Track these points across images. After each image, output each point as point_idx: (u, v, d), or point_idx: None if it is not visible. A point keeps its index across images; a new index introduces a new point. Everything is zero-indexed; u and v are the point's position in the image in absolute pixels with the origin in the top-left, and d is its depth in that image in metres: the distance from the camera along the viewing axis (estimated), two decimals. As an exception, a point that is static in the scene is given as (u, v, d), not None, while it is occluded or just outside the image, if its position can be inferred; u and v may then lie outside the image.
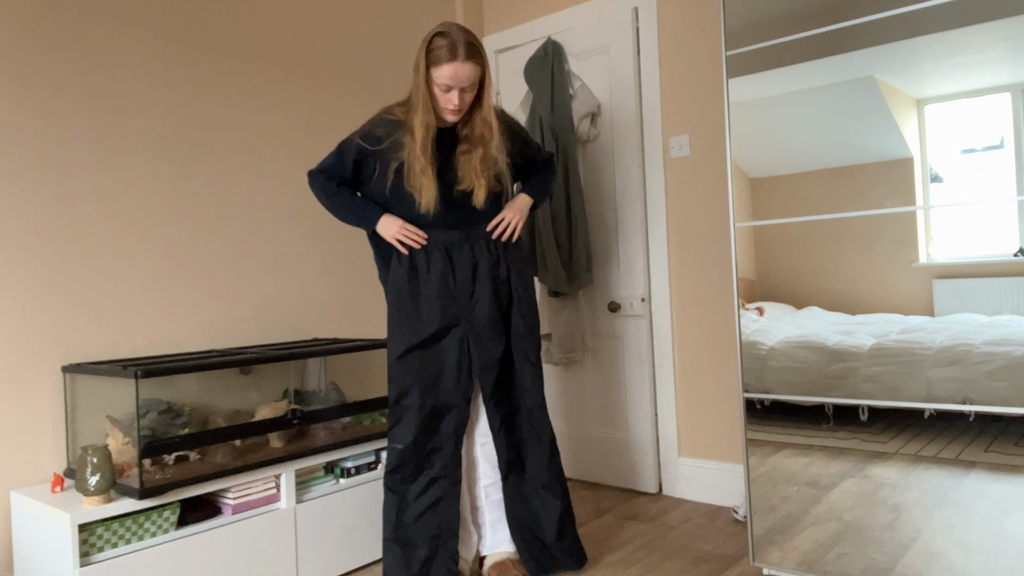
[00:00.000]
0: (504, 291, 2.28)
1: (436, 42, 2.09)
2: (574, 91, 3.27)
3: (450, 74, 2.08)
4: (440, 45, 2.08)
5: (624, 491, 3.25)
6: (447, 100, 2.12)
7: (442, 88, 2.11)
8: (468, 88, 2.13)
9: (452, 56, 2.06)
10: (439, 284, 2.20)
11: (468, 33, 2.11)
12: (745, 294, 2.26)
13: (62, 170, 2.30)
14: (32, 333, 2.22)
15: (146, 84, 2.51)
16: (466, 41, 2.08)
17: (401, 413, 2.23)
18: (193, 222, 2.61)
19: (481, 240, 2.27)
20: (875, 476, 2.02)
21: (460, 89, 2.11)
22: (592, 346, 3.38)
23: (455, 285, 2.22)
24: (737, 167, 2.26)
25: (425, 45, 2.10)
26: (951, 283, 1.92)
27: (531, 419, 2.31)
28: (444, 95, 2.12)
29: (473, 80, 2.12)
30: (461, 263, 2.23)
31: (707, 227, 3.03)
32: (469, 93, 2.15)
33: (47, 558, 1.96)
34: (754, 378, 2.22)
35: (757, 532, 2.21)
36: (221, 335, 2.66)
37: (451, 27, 2.10)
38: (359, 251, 3.16)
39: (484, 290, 2.23)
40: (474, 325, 2.23)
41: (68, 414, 2.27)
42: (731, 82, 2.24)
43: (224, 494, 2.24)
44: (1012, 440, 1.83)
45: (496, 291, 2.25)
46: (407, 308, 2.21)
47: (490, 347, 2.24)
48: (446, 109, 2.15)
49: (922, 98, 1.95)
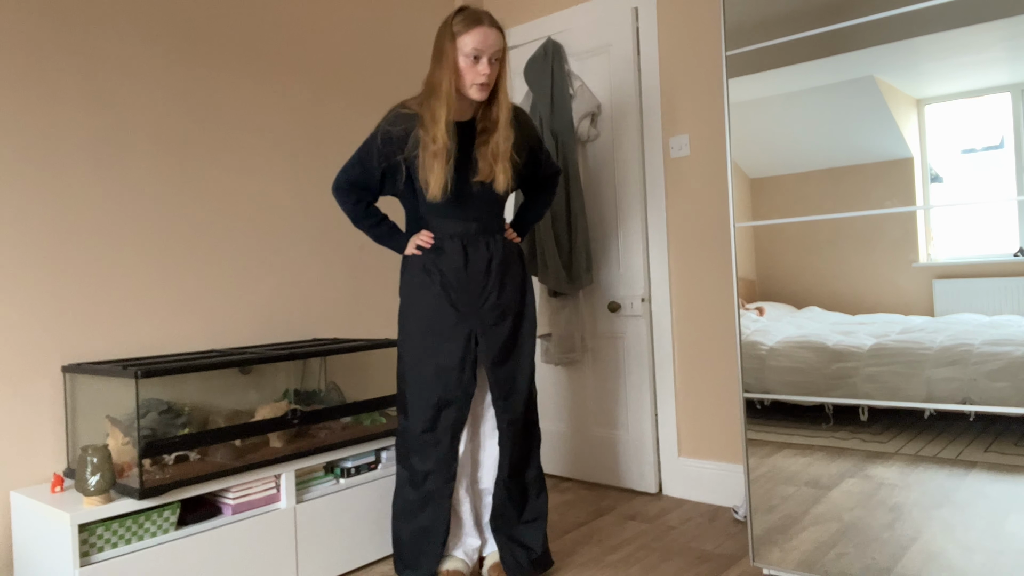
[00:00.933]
0: (513, 288, 2.27)
1: (458, 16, 2.10)
2: (574, 91, 3.27)
3: (479, 39, 2.07)
4: (464, 16, 2.09)
5: (624, 491, 3.25)
6: (476, 73, 2.10)
7: (470, 59, 2.09)
8: (494, 59, 2.12)
9: (478, 22, 2.08)
10: (452, 276, 2.20)
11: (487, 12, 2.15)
12: (745, 294, 2.26)
13: (62, 170, 2.30)
14: (32, 333, 2.22)
15: (147, 85, 2.51)
16: (487, 13, 2.12)
17: (408, 405, 2.24)
18: (193, 222, 2.61)
19: (497, 235, 2.26)
20: (875, 476, 2.02)
21: (489, 58, 2.10)
22: (592, 346, 3.38)
23: (468, 279, 2.21)
24: (737, 167, 2.26)
25: (448, 22, 2.11)
26: (951, 283, 1.92)
27: (526, 420, 2.32)
28: (473, 68, 2.10)
29: (499, 49, 2.11)
30: (476, 257, 2.22)
31: (707, 227, 3.03)
32: (495, 68, 2.13)
33: (47, 558, 1.96)
34: (754, 378, 2.22)
35: (757, 532, 2.21)
36: (221, 335, 2.66)
37: (468, 5, 2.13)
38: (360, 251, 3.16)
39: (496, 285, 2.22)
40: (483, 320, 2.22)
41: (68, 414, 2.27)
42: (731, 82, 2.24)
43: (224, 494, 2.23)
44: (1012, 440, 1.83)
45: (506, 287, 2.25)
46: (418, 300, 2.21)
47: (499, 343, 2.23)
48: (474, 84, 2.11)
49: (922, 98, 1.95)
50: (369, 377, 3.08)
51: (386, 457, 2.64)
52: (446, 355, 2.19)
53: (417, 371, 2.22)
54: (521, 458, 2.31)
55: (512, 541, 2.28)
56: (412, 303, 2.24)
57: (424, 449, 2.22)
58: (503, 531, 2.28)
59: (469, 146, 2.21)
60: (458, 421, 2.21)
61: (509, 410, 2.26)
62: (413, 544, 2.24)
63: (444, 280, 2.20)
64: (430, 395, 2.20)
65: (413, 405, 2.23)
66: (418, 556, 2.23)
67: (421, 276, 2.22)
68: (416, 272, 2.23)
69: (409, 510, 2.26)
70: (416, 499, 2.24)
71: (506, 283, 2.24)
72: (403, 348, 2.26)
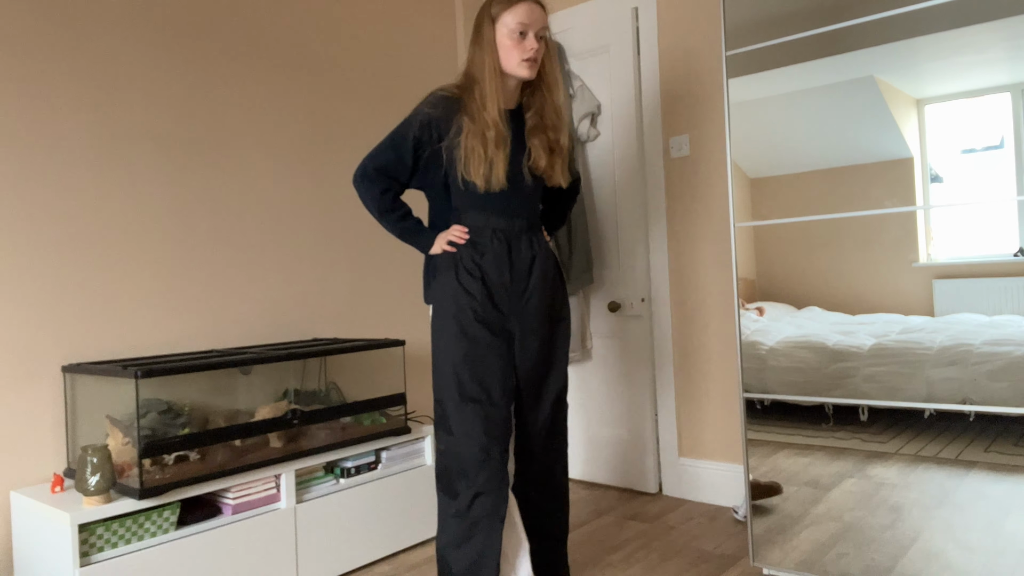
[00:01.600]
0: (554, 290, 2.10)
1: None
2: (574, 91, 3.27)
3: (524, 12, 1.93)
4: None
5: (624, 491, 3.25)
6: (524, 48, 1.95)
7: (515, 35, 1.94)
8: (540, 35, 1.96)
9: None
10: (496, 276, 1.98)
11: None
12: (745, 294, 2.26)
13: (62, 170, 2.30)
14: (32, 333, 2.22)
15: (147, 84, 2.51)
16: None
17: (447, 418, 1.98)
18: (193, 222, 2.61)
19: (539, 233, 2.08)
20: (875, 476, 2.02)
21: (536, 34, 1.95)
22: (592, 346, 3.38)
23: (511, 278, 2.00)
24: (737, 167, 2.26)
25: (487, 4, 1.98)
26: (951, 283, 1.92)
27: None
28: (520, 44, 1.95)
29: (544, 24, 1.97)
30: (519, 255, 2.02)
31: (707, 227, 3.03)
32: (541, 44, 2.00)
33: (47, 558, 1.96)
34: (754, 378, 2.22)
35: (757, 532, 2.21)
36: (221, 335, 2.66)
37: None
38: (360, 251, 3.16)
39: (537, 286, 2.03)
40: (524, 323, 2.02)
41: (68, 414, 2.27)
42: (731, 82, 2.24)
43: (224, 494, 2.23)
44: (1012, 440, 1.83)
45: (547, 288, 2.06)
46: (457, 305, 1.97)
47: (537, 347, 2.04)
48: (523, 61, 1.95)
49: (922, 98, 1.95)
50: (369, 377, 3.08)
51: (386, 457, 2.64)
52: (491, 362, 1.97)
53: (459, 383, 1.95)
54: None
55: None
56: (448, 309, 1.98)
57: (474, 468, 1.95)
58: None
59: (520, 134, 2.06)
60: (505, 433, 1.97)
61: (548, 420, 2.08)
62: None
63: (487, 280, 1.98)
64: (475, 407, 1.94)
65: (456, 420, 1.96)
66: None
67: (462, 277, 1.98)
68: (451, 273, 1.99)
69: (455, 542, 1.97)
70: (464, 528, 1.96)
71: (547, 285, 2.05)
72: (440, 359, 1.99)
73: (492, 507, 1.93)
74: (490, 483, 1.93)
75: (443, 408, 1.99)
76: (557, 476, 2.14)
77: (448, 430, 1.97)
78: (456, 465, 1.96)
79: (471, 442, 1.94)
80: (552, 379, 2.09)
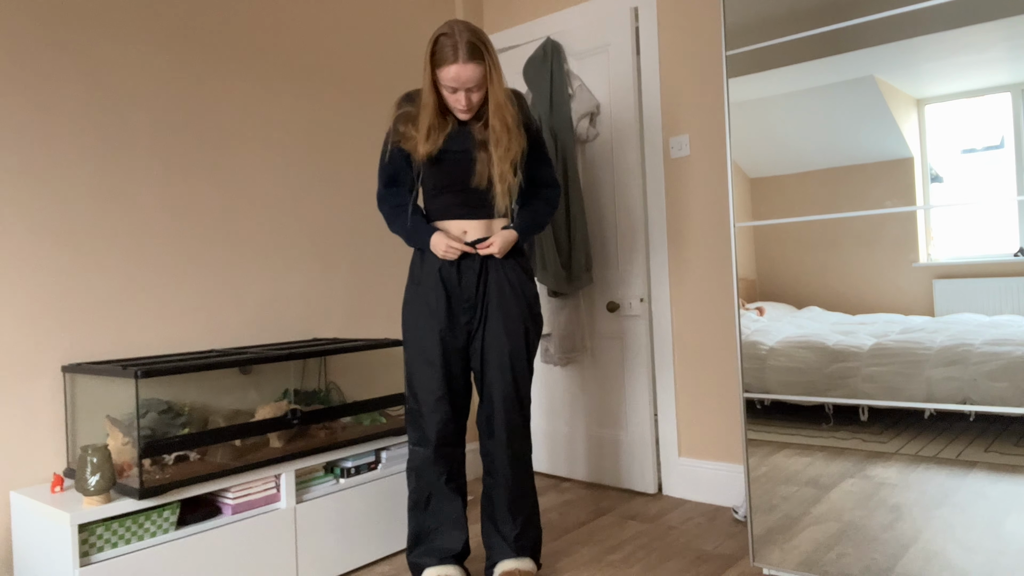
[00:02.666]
0: (513, 285, 2.23)
1: (440, 42, 2.05)
2: (573, 91, 3.27)
3: (453, 76, 2.04)
4: (443, 45, 2.04)
5: (624, 491, 3.25)
6: (455, 101, 2.11)
7: (448, 89, 2.09)
8: (475, 88, 2.09)
9: (454, 58, 2.02)
10: (451, 275, 2.19)
11: (473, 32, 2.05)
12: (745, 294, 2.26)
13: (62, 170, 2.30)
14: (32, 333, 2.22)
15: (147, 84, 2.51)
16: (468, 41, 2.03)
17: (414, 412, 2.24)
18: (193, 222, 2.61)
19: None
20: (875, 476, 2.02)
21: (466, 90, 2.08)
22: (592, 346, 3.38)
23: (463, 278, 2.19)
24: (737, 167, 2.26)
25: (430, 46, 2.07)
26: (951, 283, 1.92)
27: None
28: (452, 95, 2.10)
29: (478, 80, 2.07)
30: (473, 257, 2.21)
31: (707, 227, 3.03)
32: (477, 93, 2.11)
33: (47, 558, 1.96)
34: (754, 378, 2.22)
35: (757, 532, 2.21)
36: (221, 335, 2.66)
37: (455, 26, 2.04)
38: (359, 251, 3.16)
39: (495, 284, 2.20)
40: (487, 320, 2.21)
41: (68, 414, 2.27)
42: (731, 82, 2.24)
43: (224, 494, 2.23)
44: (1012, 440, 1.83)
45: (508, 286, 2.22)
46: (419, 301, 2.21)
47: (504, 341, 2.20)
48: (456, 109, 2.13)
49: (922, 98, 1.95)
50: (369, 377, 3.08)
51: (386, 457, 2.64)
52: (448, 357, 2.20)
53: (419, 375, 2.21)
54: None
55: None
56: (408, 300, 2.25)
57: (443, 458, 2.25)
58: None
59: (470, 145, 2.17)
60: (460, 428, 2.24)
61: (514, 410, 2.23)
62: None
63: (442, 274, 2.19)
64: (430, 400, 2.20)
65: (418, 411, 2.23)
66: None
67: (421, 279, 2.23)
68: (416, 267, 2.25)
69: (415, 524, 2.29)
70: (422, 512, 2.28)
71: (503, 284, 2.21)
72: (406, 355, 2.26)
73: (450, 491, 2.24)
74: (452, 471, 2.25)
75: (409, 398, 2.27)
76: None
77: (411, 422, 2.26)
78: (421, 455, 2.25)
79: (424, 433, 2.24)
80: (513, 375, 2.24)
